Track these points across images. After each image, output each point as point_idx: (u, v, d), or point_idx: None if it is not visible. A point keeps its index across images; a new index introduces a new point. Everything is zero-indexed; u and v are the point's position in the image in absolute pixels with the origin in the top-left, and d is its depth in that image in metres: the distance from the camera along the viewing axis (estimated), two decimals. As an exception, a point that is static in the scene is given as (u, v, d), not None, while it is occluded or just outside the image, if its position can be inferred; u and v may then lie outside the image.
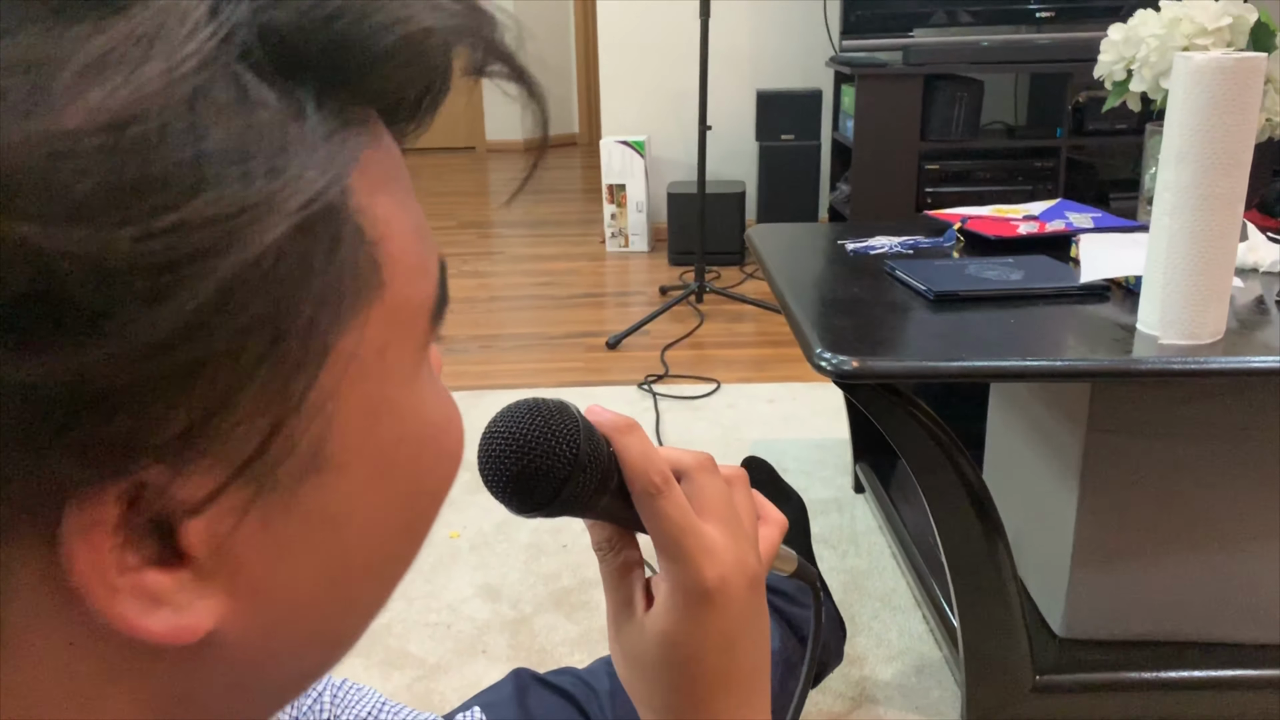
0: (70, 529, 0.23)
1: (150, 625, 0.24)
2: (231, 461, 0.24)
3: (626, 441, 0.44)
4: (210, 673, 0.27)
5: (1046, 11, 3.34)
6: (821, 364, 1.08)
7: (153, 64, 0.21)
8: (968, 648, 1.23)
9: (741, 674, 0.46)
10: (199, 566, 0.25)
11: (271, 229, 0.23)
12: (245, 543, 0.26)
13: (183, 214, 0.21)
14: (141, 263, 0.21)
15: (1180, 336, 1.07)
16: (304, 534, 0.27)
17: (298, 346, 0.24)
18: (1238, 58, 1.00)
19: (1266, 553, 1.24)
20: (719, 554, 0.44)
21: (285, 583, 0.27)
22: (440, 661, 1.51)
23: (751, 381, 2.61)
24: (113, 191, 0.20)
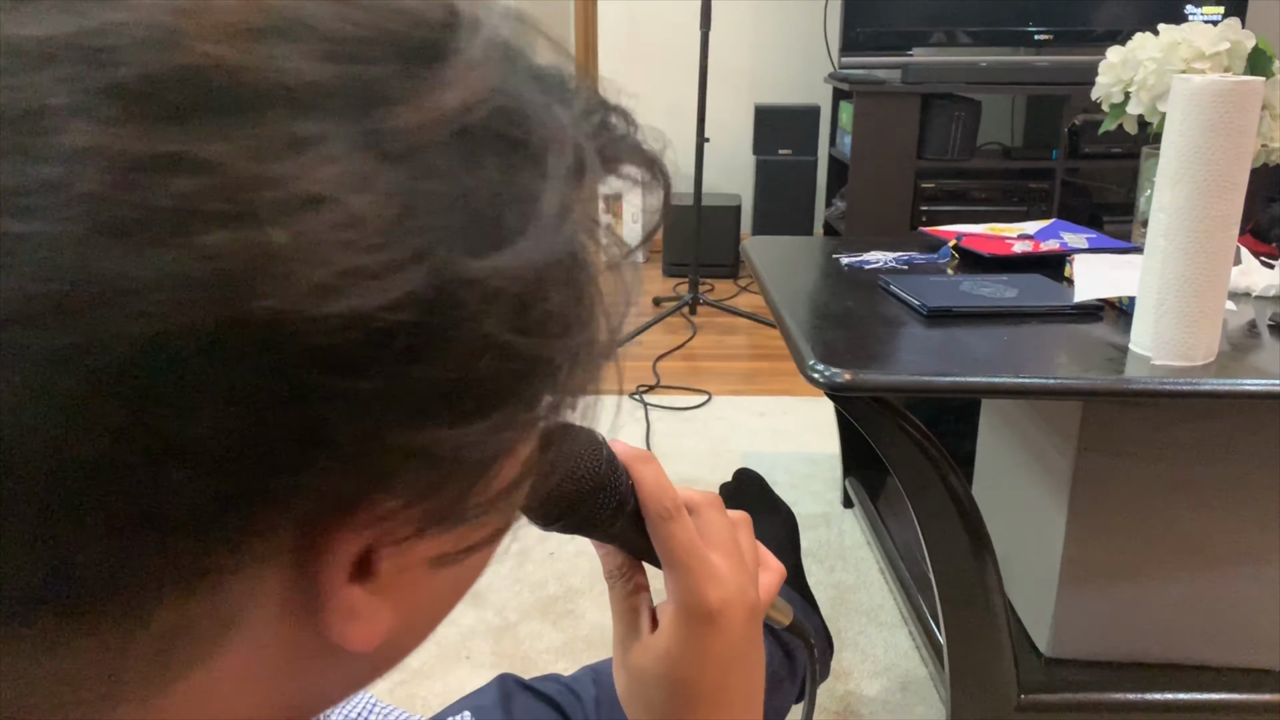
0: (338, 546, 0.25)
1: (350, 633, 0.26)
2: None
3: (644, 470, 0.47)
4: (344, 672, 0.30)
5: (1045, 34, 3.36)
6: (814, 376, 1.08)
7: (581, 208, 0.27)
8: (953, 665, 1.22)
9: (736, 697, 0.48)
10: (381, 584, 0.27)
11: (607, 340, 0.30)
12: (418, 564, 0.28)
13: (591, 332, 0.28)
14: (562, 364, 0.27)
15: (1173, 357, 1.07)
16: (468, 555, 0.30)
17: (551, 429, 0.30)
18: (1235, 80, 1.00)
19: (1256, 576, 1.24)
20: (723, 579, 0.47)
21: (430, 591, 0.30)
22: (423, 666, 1.50)
23: (743, 394, 2.61)
24: (564, 314, 0.26)
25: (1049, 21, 3.36)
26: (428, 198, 0.23)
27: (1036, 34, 3.36)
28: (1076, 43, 3.34)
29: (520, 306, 0.25)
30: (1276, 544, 1.22)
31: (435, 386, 0.24)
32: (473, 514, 0.27)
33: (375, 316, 0.22)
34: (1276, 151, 1.46)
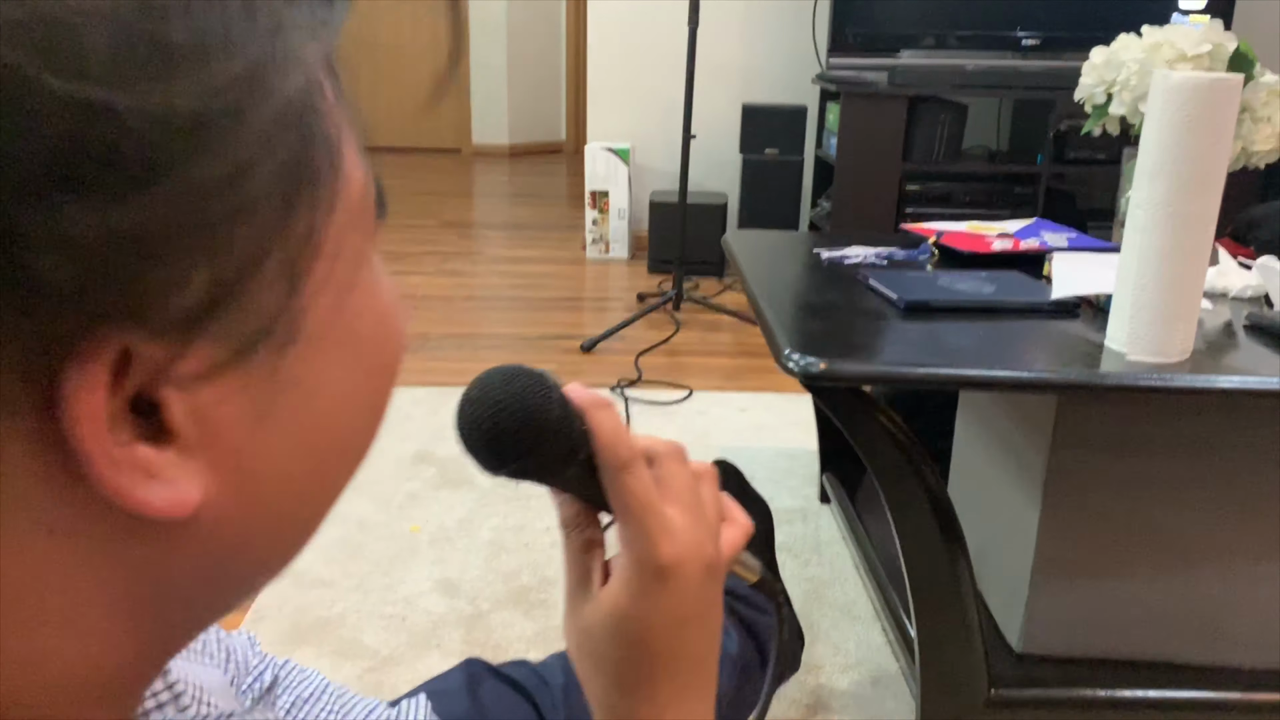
0: (71, 391, 0.22)
1: (150, 498, 0.24)
2: (233, 338, 0.25)
3: (599, 416, 0.45)
4: (185, 558, 0.27)
5: (1032, 39, 3.37)
6: (789, 365, 1.07)
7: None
8: (924, 659, 1.22)
9: (688, 658, 0.46)
10: (184, 442, 0.25)
11: (294, 78, 0.24)
12: (227, 416, 0.26)
13: (214, 70, 0.22)
14: (179, 118, 0.22)
15: (1147, 354, 1.07)
16: (281, 405, 0.27)
17: (306, 210, 0.25)
18: (1214, 77, 1.00)
19: (1228, 573, 1.24)
20: (677, 535, 0.45)
21: (264, 456, 0.28)
22: (393, 654, 1.49)
23: (724, 390, 2.61)
24: (150, 51, 0.21)
25: (1036, 26, 3.37)
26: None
27: (1024, 39, 3.37)
28: (1063, 48, 3.35)
29: (95, 47, 0.20)
30: (1249, 541, 1.23)
31: (23, 150, 0.20)
32: (203, 314, 0.23)
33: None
34: (1257, 155, 1.47)
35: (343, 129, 0.28)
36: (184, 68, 0.22)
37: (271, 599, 1.61)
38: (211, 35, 0.22)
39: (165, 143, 0.21)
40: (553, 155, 6.95)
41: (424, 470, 2.07)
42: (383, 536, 1.82)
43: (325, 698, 0.66)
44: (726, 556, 0.49)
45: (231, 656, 0.60)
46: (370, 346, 0.31)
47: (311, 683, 0.68)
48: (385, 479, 2.03)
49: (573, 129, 7.03)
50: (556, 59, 6.92)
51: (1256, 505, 1.21)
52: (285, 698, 0.65)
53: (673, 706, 0.46)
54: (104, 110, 0.20)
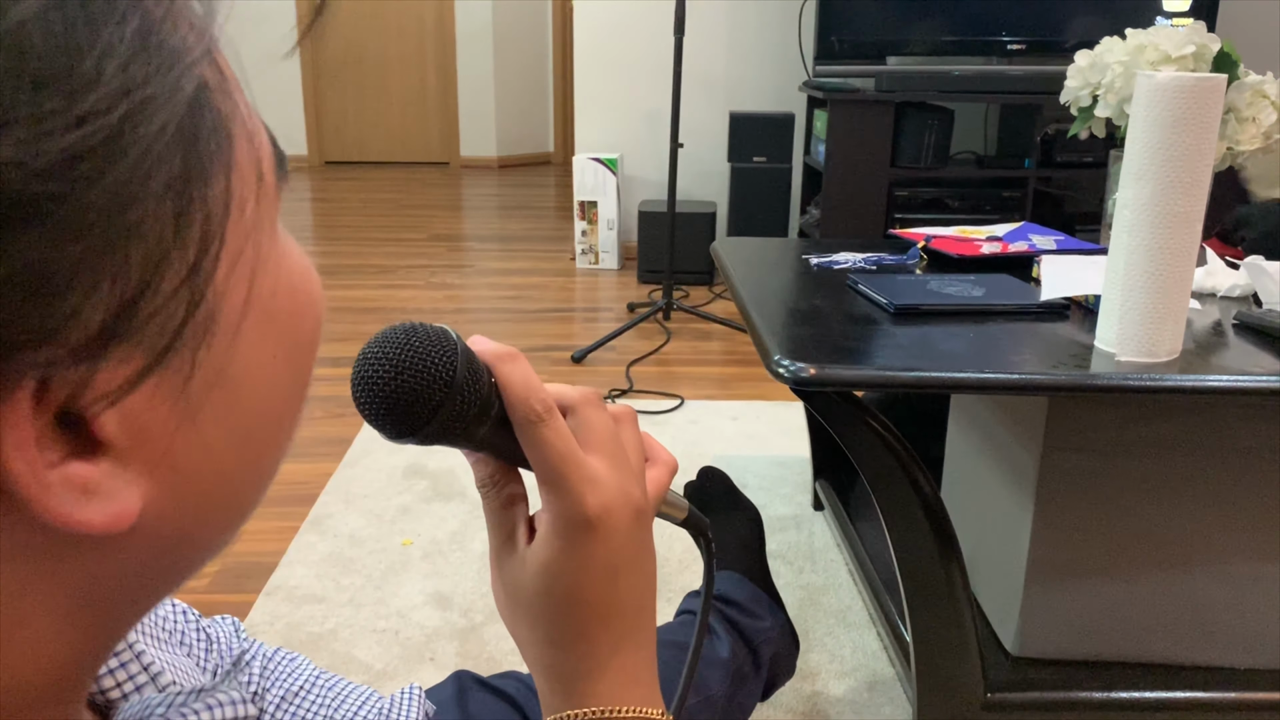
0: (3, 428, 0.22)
1: (89, 517, 0.24)
2: (148, 346, 0.25)
3: (508, 369, 0.43)
4: (126, 556, 0.27)
5: (1018, 44, 3.38)
6: (779, 370, 1.07)
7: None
8: (920, 664, 1.22)
9: (624, 607, 0.45)
10: (117, 451, 0.25)
11: (170, 108, 0.23)
12: (156, 419, 0.26)
13: (87, 102, 0.21)
14: (54, 157, 0.21)
15: (1137, 354, 1.07)
16: (208, 398, 0.27)
17: (199, 215, 0.25)
18: (1198, 77, 1.00)
19: (1220, 574, 1.24)
20: (601, 483, 0.43)
21: (198, 451, 0.28)
22: (386, 668, 1.48)
23: (716, 399, 2.61)
24: (17, 96, 0.20)
25: (1022, 31, 3.38)
26: None
27: (1009, 43, 3.39)
28: (1049, 52, 3.36)
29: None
30: (1242, 540, 1.23)
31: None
32: (111, 333, 0.23)
33: None
34: (1242, 154, 1.47)
35: (228, 108, 0.27)
36: (53, 104, 0.21)
37: (263, 615, 1.59)
38: (80, 65, 0.21)
39: (43, 183, 0.21)
40: (541, 167, 6.96)
41: (415, 484, 2.06)
42: (374, 551, 1.81)
43: (317, 689, 0.66)
44: (654, 498, 0.47)
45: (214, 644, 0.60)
46: (288, 321, 0.31)
47: (302, 674, 0.67)
48: (376, 493, 2.02)
49: (560, 140, 7.03)
50: (543, 71, 6.92)
51: (1249, 504, 1.21)
52: (276, 690, 0.65)
53: (615, 657, 0.45)
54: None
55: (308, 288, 0.32)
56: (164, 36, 0.24)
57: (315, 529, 1.87)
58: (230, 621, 0.65)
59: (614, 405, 0.48)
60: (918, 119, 3.31)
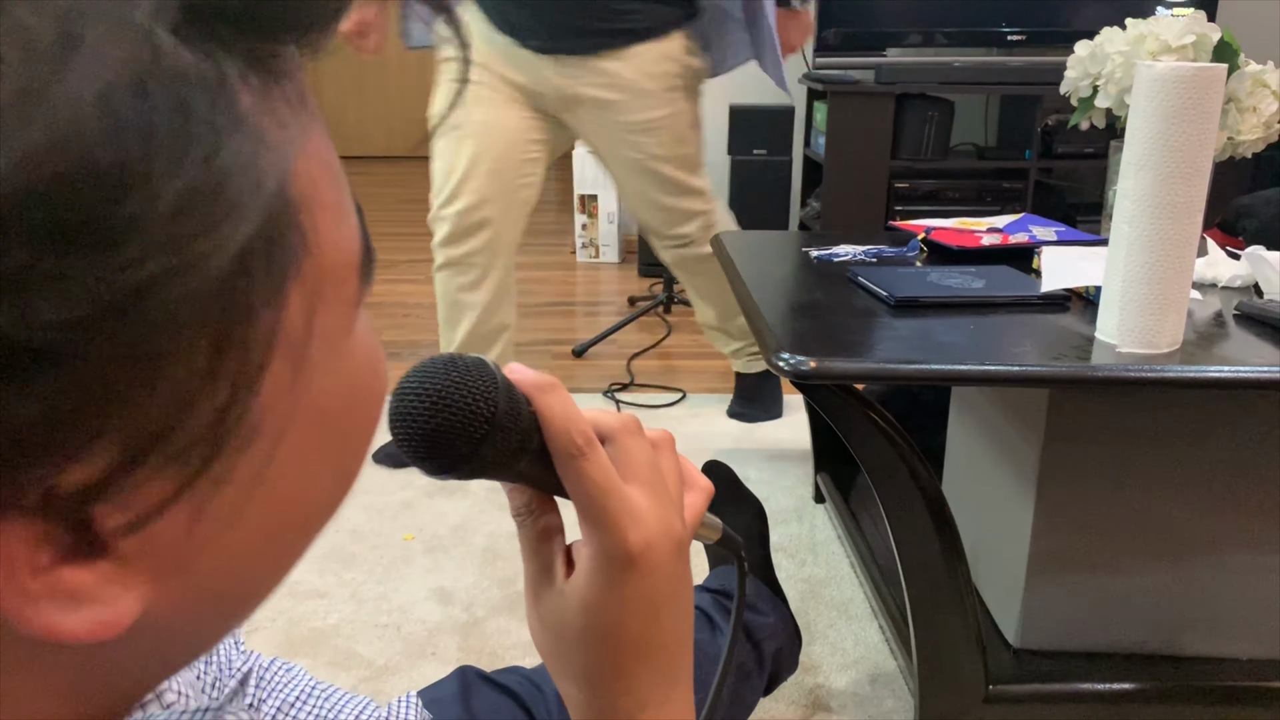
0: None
1: (71, 627, 0.22)
2: (173, 473, 0.23)
3: (548, 400, 0.42)
4: (130, 650, 0.26)
5: (1018, 35, 3.37)
6: (780, 364, 1.07)
7: (80, 69, 0.19)
8: (922, 657, 1.22)
9: (664, 643, 0.45)
10: (119, 554, 0.23)
11: (229, 244, 0.21)
12: (171, 524, 0.23)
13: (117, 261, 0.19)
14: (97, 302, 0.19)
15: (1138, 345, 1.07)
16: (236, 504, 0.25)
17: (243, 341, 0.23)
18: (1197, 67, 1.00)
19: (1222, 564, 1.24)
20: (643, 518, 0.42)
21: (215, 554, 0.25)
22: (389, 663, 1.48)
23: (717, 392, 2.60)
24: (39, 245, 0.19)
25: (1022, 22, 3.37)
26: None
27: (1009, 34, 3.38)
28: (1049, 43, 3.35)
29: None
30: (1244, 531, 1.22)
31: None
32: (142, 456, 0.22)
33: None
34: (1243, 144, 1.47)
35: (309, 223, 0.24)
36: (80, 263, 0.19)
37: (265, 611, 1.60)
38: (119, 215, 0.19)
39: (57, 336, 0.19)
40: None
41: (417, 478, 2.06)
42: (376, 546, 1.81)
43: (313, 699, 0.65)
44: (692, 525, 0.47)
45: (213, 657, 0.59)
46: (341, 417, 0.28)
47: (299, 684, 0.67)
48: (378, 488, 2.02)
49: (561, 134, 7.02)
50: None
51: (1250, 495, 1.21)
52: (271, 701, 0.65)
53: (654, 694, 0.45)
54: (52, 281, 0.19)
55: (369, 378, 0.30)
56: (232, 174, 0.21)
57: (317, 524, 1.87)
58: None
59: (652, 431, 0.46)
60: (918, 111, 3.30)
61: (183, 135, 0.20)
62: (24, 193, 0.18)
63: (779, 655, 1.11)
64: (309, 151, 0.25)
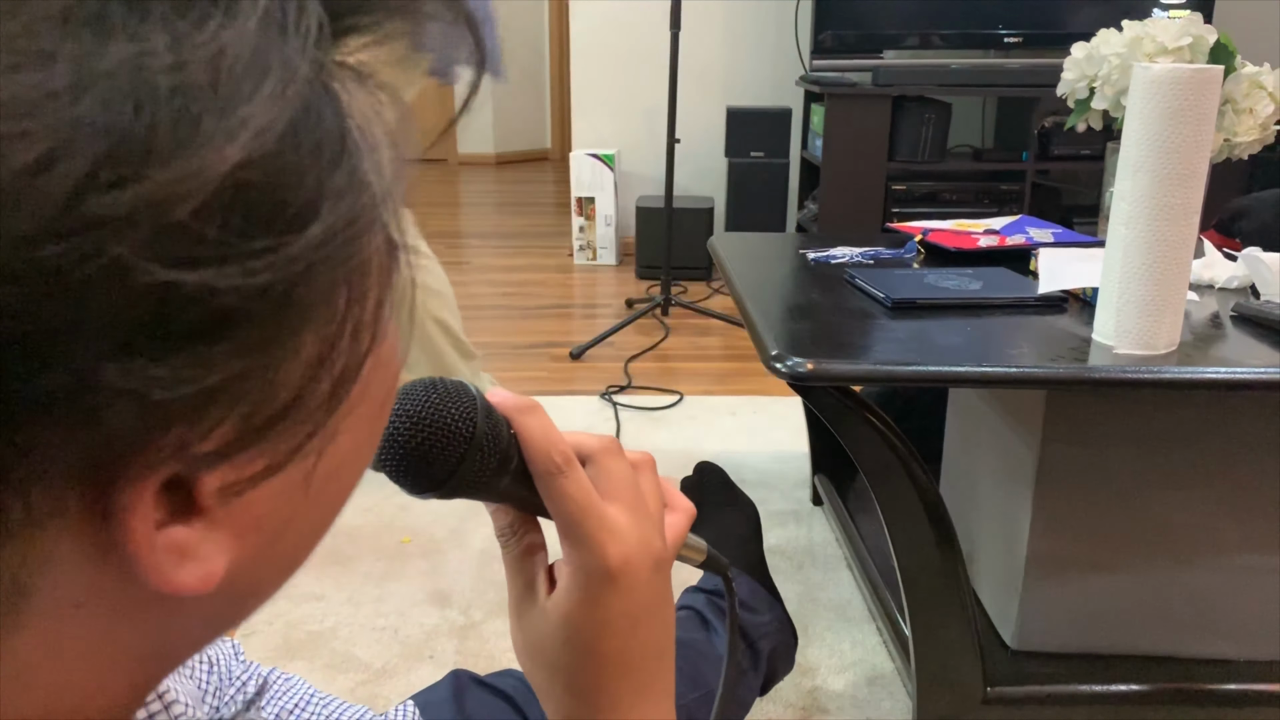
0: (126, 505, 0.23)
1: (183, 579, 0.24)
2: (282, 450, 0.26)
3: (527, 421, 0.43)
4: (198, 615, 0.28)
5: (1015, 37, 3.38)
6: (777, 366, 1.07)
7: (270, 81, 0.22)
8: (919, 658, 1.22)
9: (645, 657, 0.45)
10: (211, 516, 0.25)
11: (375, 233, 0.25)
12: (255, 494, 0.26)
13: (309, 236, 0.23)
14: (269, 283, 0.22)
15: (1135, 346, 1.07)
16: (306, 480, 0.28)
17: (360, 320, 0.26)
18: (1194, 69, 1.00)
19: (1220, 566, 1.24)
20: (622, 534, 0.43)
21: (283, 518, 0.28)
22: (386, 666, 1.48)
23: (714, 394, 2.60)
24: (246, 234, 0.22)
25: (1019, 24, 3.38)
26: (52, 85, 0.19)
27: (1006, 37, 3.38)
28: (1046, 45, 3.36)
29: (193, 234, 0.21)
30: (1241, 532, 1.22)
31: (111, 323, 0.20)
32: (264, 431, 0.24)
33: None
34: (1240, 146, 1.47)
35: (395, 226, 0.28)
36: (268, 244, 0.22)
37: (262, 614, 1.59)
38: (297, 207, 0.23)
39: (241, 309, 0.22)
40: (538, 163, 6.95)
41: (414, 481, 2.06)
42: (373, 549, 1.81)
43: (311, 706, 0.66)
44: (672, 545, 0.48)
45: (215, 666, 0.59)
46: (380, 398, 0.31)
47: (297, 692, 0.67)
48: (375, 491, 2.01)
49: (558, 136, 7.03)
50: (540, 67, 6.92)
51: (1248, 496, 1.21)
52: (270, 708, 0.65)
53: (635, 709, 0.45)
54: (191, 289, 0.21)
55: (396, 360, 0.32)
56: (367, 183, 0.24)
57: (314, 527, 1.87)
58: (230, 644, 0.65)
59: (632, 452, 0.48)
60: (915, 113, 3.31)
61: (340, 137, 0.24)
62: (234, 182, 0.21)
63: (775, 655, 1.11)
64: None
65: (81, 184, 0.19)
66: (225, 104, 0.21)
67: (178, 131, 0.20)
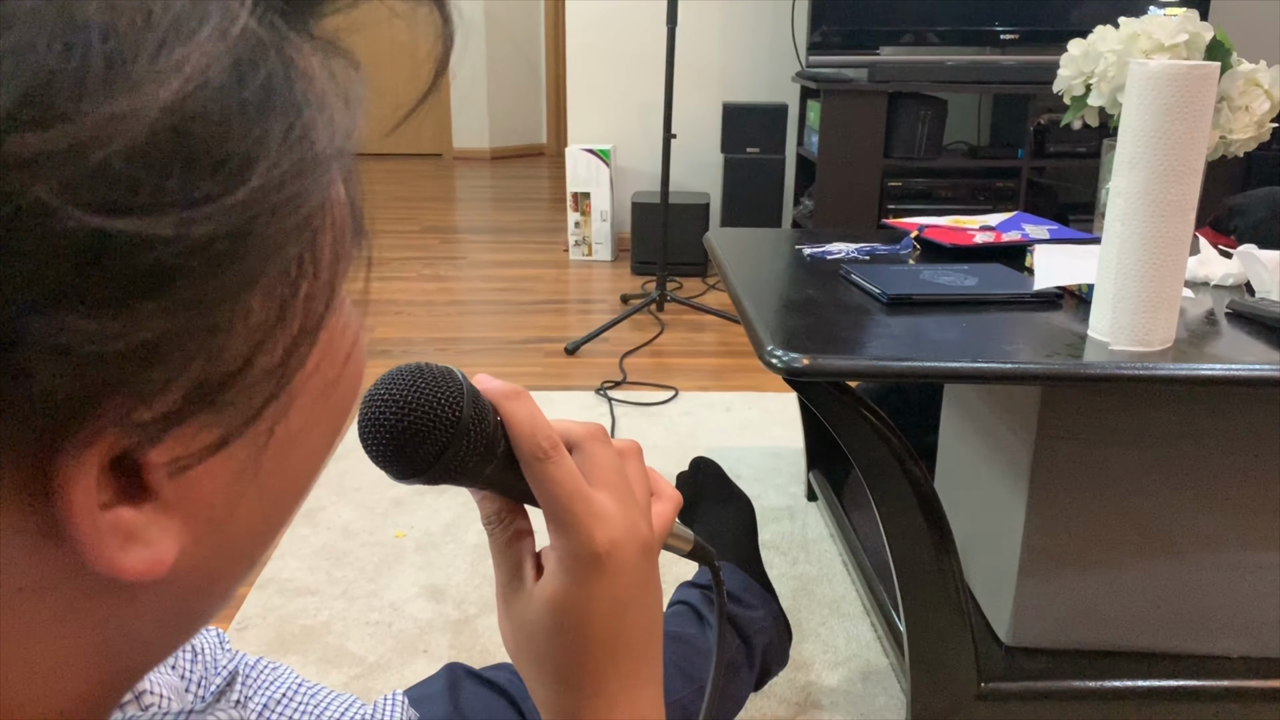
0: (66, 478, 0.22)
1: (128, 562, 0.24)
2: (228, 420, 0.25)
3: (513, 408, 0.43)
4: (150, 607, 0.27)
5: (1011, 34, 3.38)
6: (772, 361, 1.07)
7: (208, 25, 0.21)
8: (914, 654, 1.22)
9: (632, 641, 0.45)
10: (161, 500, 0.24)
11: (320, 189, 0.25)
12: (206, 475, 0.26)
13: (235, 194, 0.22)
14: (194, 240, 0.21)
15: (1130, 343, 1.07)
16: (256, 458, 0.27)
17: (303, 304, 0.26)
18: (1190, 65, 1.00)
19: (1215, 563, 1.24)
20: (609, 519, 0.43)
21: (235, 506, 0.27)
22: (380, 660, 1.47)
23: (710, 390, 2.60)
24: (176, 180, 0.21)
25: (1015, 21, 3.38)
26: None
27: (1002, 33, 3.38)
28: (1041, 42, 3.36)
29: (123, 178, 0.20)
30: (1235, 529, 1.23)
31: (37, 274, 0.20)
32: (209, 401, 0.24)
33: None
34: (1236, 143, 1.47)
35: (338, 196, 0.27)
36: (206, 193, 0.21)
37: (256, 608, 1.59)
38: (234, 156, 0.22)
39: (177, 263, 0.21)
40: (534, 158, 6.94)
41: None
42: (367, 543, 1.81)
43: (299, 697, 0.65)
44: (659, 532, 0.48)
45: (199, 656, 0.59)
46: (339, 390, 0.30)
47: (284, 682, 0.67)
48: (369, 486, 2.01)
49: (553, 131, 7.02)
50: (536, 62, 6.90)
51: (1242, 493, 1.21)
52: (257, 699, 0.64)
53: (623, 694, 0.45)
54: (122, 237, 0.20)
55: (359, 354, 0.32)
56: (313, 139, 0.24)
57: (307, 521, 1.87)
58: (214, 633, 0.64)
59: (619, 440, 0.48)
60: (911, 109, 3.31)
61: (287, 92, 0.23)
62: (169, 126, 0.20)
63: (769, 651, 1.11)
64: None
65: (2, 122, 0.19)
66: (159, 46, 0.20)
67: (108, 72, 0.20)
